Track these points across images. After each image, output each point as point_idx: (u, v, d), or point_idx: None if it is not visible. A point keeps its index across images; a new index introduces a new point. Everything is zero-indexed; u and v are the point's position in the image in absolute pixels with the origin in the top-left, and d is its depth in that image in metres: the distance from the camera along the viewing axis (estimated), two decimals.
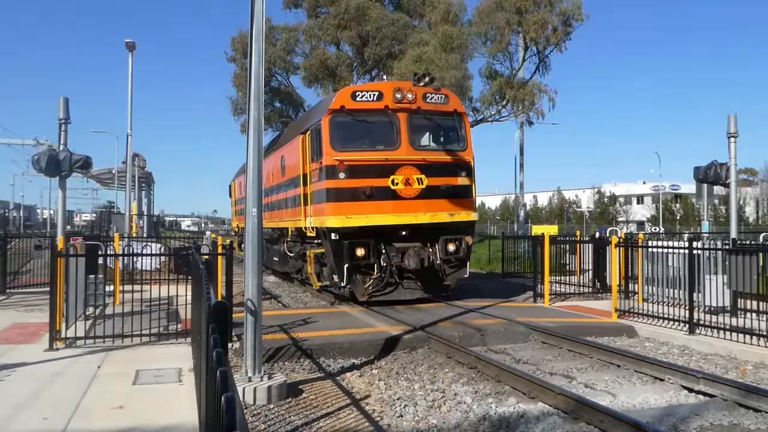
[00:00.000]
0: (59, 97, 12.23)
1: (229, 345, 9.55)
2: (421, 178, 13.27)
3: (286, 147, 17.01)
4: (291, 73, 38.47)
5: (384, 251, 13.23)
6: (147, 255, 12.51)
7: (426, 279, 13.65)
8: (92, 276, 11.49)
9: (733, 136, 13.22)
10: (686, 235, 23.11)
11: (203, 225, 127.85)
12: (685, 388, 7.63)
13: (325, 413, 6.76)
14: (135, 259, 13.33)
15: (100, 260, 12.65)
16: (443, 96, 14.20)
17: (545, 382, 7.55)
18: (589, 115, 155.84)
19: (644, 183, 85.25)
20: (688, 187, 62.35)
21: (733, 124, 13.23)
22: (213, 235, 19.32)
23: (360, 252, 12.94)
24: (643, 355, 9.36)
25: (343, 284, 13.01)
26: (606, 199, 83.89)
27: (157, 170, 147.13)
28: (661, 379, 8.01)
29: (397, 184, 13.07)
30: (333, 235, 12.85)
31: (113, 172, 40.39)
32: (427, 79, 13.63)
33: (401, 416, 6.79)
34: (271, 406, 6.97)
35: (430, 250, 13.54)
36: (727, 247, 11.59)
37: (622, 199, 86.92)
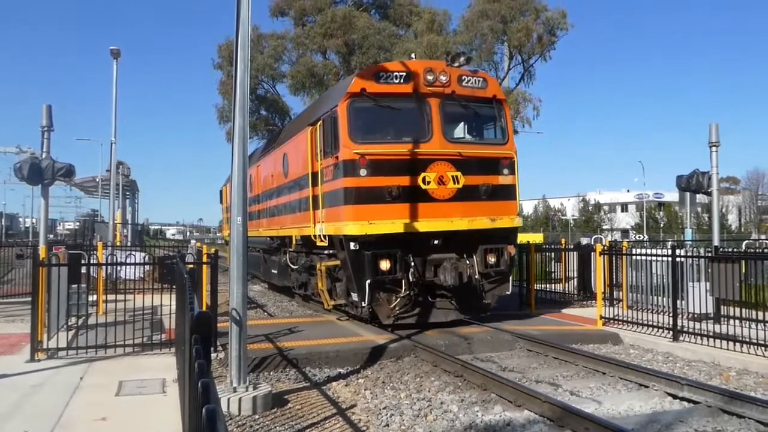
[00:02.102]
0: (42, 104, 12.15)
1: (214, 355, 9.49)
2: (456, 176, 11.33)
3: (290, 143, 14.91)
4: (277, 81, 38.52)
5: (413, 264, 11.23)
6: (131, 264, 12.38)
7: (461, 296, 11.66)
8: (75, 285, 11.37)
9: (714, 145, 13.38)
10: (670, 242, 23.33)
11: (189, 233, 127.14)
12: (669, 394, 7.67)
13: (311, 423, 6.72)
14: (119, 268, 13.22)
15: (83, 269, 12.52)
16: (481, 79, 12.19)
17: (531, 389, 7.56)
18: (573, 124, 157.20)
19: (628, 191, 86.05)
20: (672, 196, 62.97)
21: (714, 133, 13.39)
22: (198, 244, 19.12)
23: (385, 265, 10.82)
24: (628, 362, 9.40)
25: (364, 304, 10.92)
26: (591, 207, 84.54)
27: (142, 178, 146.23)
28: (646, 386, 8.05)
29: (428, 183, 11.14)
30: (352, 245, 10.84)
31: (97, 180, 40.00)
32: (462, 59, 11.75)
33: (387, 425, 6.77)
34: (256, 416, 6.91)
35: (467, 262, 11.49)
36: (709, 254, 11.70)
37: (606, 207, 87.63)
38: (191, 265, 10.36)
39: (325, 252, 12.47)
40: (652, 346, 10.65)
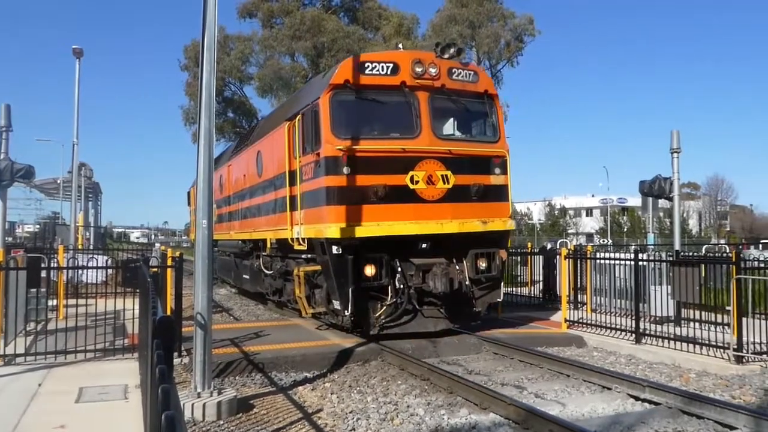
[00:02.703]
0: (1, 103, 11.86)
1: (179, 360, 9.35)
2: (446, 176, 10.65)
3: (265, 140, 13.99)
4: (245, 83, 38.38)
5: (399, 269, 10.57)
6: (93, 268, 12.12)
7: (450, 304, 10.99)
8: (34, 290, 11.10)
9: (676, 152, 13.68)
10: (632, 246, 23.78)
11: (153, 236, 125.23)
12: (631, 396, 7.81)
13: (277, 428, 6.66)
14: (80, 271, 12.95)
15: (43, 273, 12.23)
16: (472, 72, 11.50)
17: (497, 392, 7.62)
18: (540, 129, 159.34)
19: (593, 196, 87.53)
20: (635, 200, 64.19)
21: (675, 139, 13.70)
22: (163, 247, 18.81)
23: (370, 270, 10.24)
24: (592, 364, 9.54)
25: (347, 312, 10.23)
26: (557, 212, 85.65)
27: (106, 180, 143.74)
28: (609, 388, 8.18)
29: (417, 182, 10.45)
30: (334, 249, 10.11)
31: (58, 182, 39.13)
32: (452, 50, 11.03)
33: (353, 430, 6.75)
34: (221, 422, 6.82)
35: (457, 267, 10.90)
36: (670, 259, 11.95)
37: (572, 212, 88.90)
38: (155, 269, 10.21)
39: (303, 256, 11.79)
40: (615, 349, 10.83)
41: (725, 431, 6.61)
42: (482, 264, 11.09)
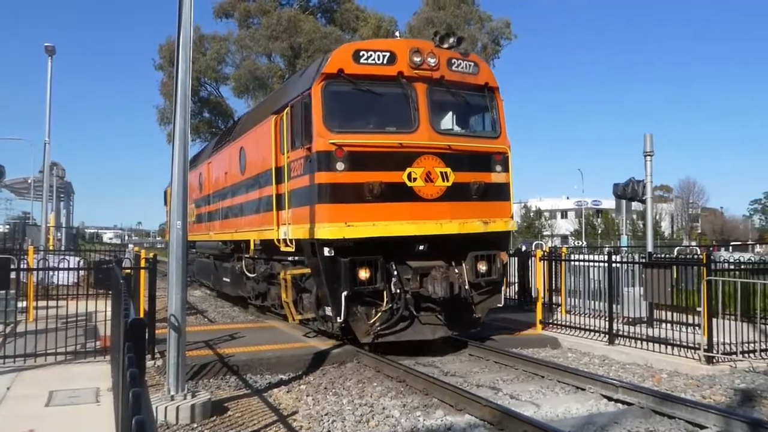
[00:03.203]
0: None
1: (152, 362, 9.24)
2: (445, 173, 10.03)
3: (249, 135, 13.29)
4: (221, 83, 38.14)
5: (395, 272, 10.01)
6: (64, 269, 11.91)
7: (449, 310, 10.30)
8: (3, 291, 10.89)
9: (649, 155, 13.87)
10: (606, 248, 24.05)
11: (127, 237, 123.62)
12: (604, 397, 7.89)
13: (251, 431, 6.61)
14: (51, 273, 12.73)
15: (13, 275, 11.99)
16: (472, 63, 10.91)
17: (472, 394, 7.65)
18: (516, 130, 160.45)
19: (568, 198, 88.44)
20: (609, 203, 64.99)
21: (649, 143, 13.89)
22: (136, 248, 18.54)
23: (364, 274, 9.56)
24: (566, 365, 9.62)
25: (339, 319, 9.59)
26: (532, 214, 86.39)
27: (78, 180, 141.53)
28: (583, 389, 8.26)
29: (414, 179, 9.81)
30: (326, 250, 9.49)
31: (29, 181, 38.44)
32: (452, 39, 10.47)
33: None
34: (195, 425, 6.75)
35: (456, 270, 10.32)
36: (643, 260, 12.11)
37: (547, 214, 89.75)
38: (128, 270, 10.07)
39: (290, 258, 11.14)
40: (589, 350, 10.94)
41: (696, 430, 6.71)
42: (482, 267, 10.48)
